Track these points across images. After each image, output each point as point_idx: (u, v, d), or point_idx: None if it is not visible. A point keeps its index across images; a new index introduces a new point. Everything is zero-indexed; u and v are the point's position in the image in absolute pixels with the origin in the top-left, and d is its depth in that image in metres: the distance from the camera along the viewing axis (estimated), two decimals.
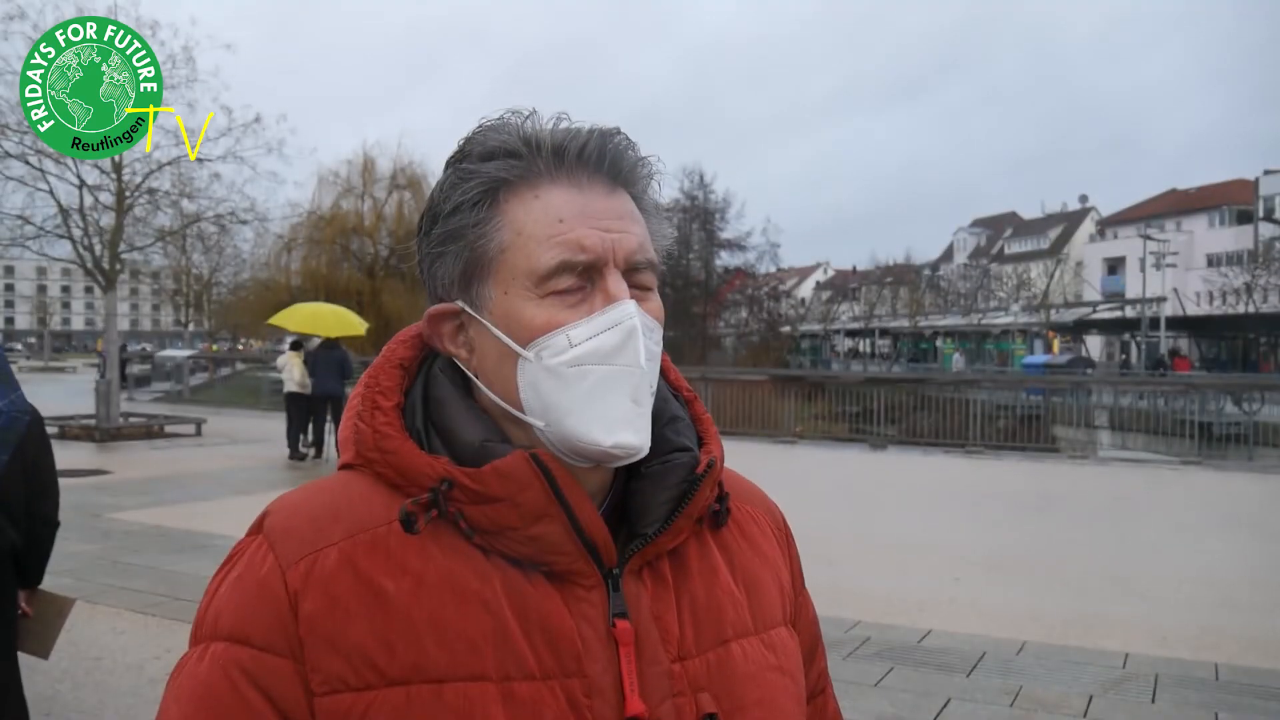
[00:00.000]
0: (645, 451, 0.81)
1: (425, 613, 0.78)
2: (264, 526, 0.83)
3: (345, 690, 0.76)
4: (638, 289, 0.83)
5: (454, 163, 0.85)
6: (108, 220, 16.72)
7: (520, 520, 0.79)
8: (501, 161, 0.82)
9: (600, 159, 0.83)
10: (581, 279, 0.81)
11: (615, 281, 0.81)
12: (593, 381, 0.79)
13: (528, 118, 0.83)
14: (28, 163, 15.37)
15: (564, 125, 0.84)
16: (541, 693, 0.77)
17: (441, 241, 0.84)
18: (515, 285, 0.81)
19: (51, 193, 15.99)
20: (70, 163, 15.42)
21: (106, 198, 16.53)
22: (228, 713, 0.77)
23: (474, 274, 0.83)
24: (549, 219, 0.81)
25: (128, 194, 16.51)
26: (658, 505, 0.85)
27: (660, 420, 0.88)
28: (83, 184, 16.08)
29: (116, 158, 16.01)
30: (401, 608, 0.77)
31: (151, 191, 17.03)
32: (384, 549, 0.79)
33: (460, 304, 0.85)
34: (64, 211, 16.12)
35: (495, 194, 0.82)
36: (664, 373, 0.93)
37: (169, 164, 16.69)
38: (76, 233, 16.31)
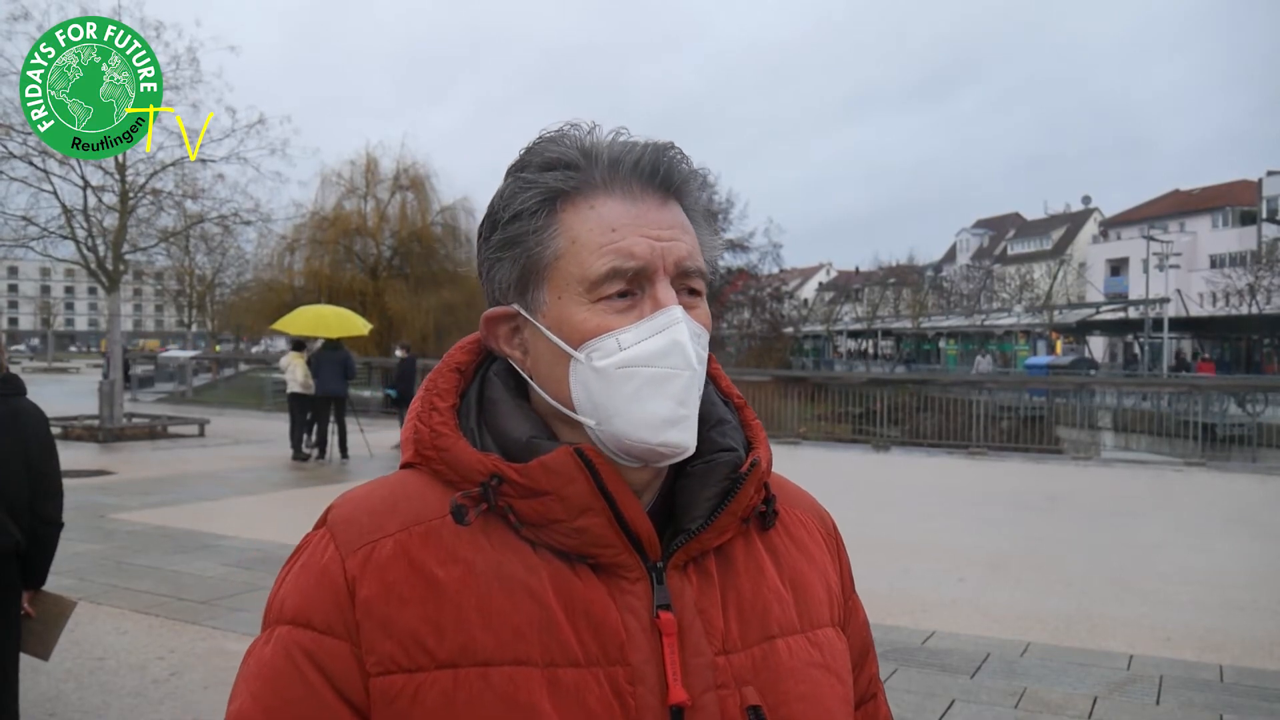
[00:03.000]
0: (691, 450, 0.85)
1: (474, 599, 0.82)
2: (328, 519, 0.89)
3: (397, 671, 0.80)
4: (686, 295, 0.87)
5: (514, 171, 0.89)
6: (111, 221, 16.72)
7: (566, 513, 0.83)
8: (560, 172, 0.86)
9: (654, 172, 0.87)
10: (632, 285, 0.84)
11: (664, 289, 0.84)
12: (640, 383, 0.83)
13: (589, 132, 0.88)
14: (32, 163, 15.38)
15: (622, 139, 0.88)
16: (586, 679, 0.81)
17: (500, 247, 0.88)
18: (569, 291, 0.85)
19: (55, 193, 16.01)
20: (74, 163, 15.43)
21: (110, 198, 16.53)
22: (290, 691, 0.82)
23: (530, 279, 0.87)
24: (602, 228, 0.85)
25: (131, 195, 16.51)
26: (702, 502, 0.88)
27: (708, 423, 0.92)
28: (86, 185, 16.09)
29: (120, 158, 16.03)
30: (452, 594, 0.82)
31: (155, 192, 17.03)
32: (437, 540, 0.84)
33: (516, 307, 0.89)
34: (68, 212, 16.12)
35: (553, 203, 0.86)
36: (715, 379, 0.98)
37: (173, 165, 16.70)
38: (80, 233, 16.32)
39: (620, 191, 0.86)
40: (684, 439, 0.84)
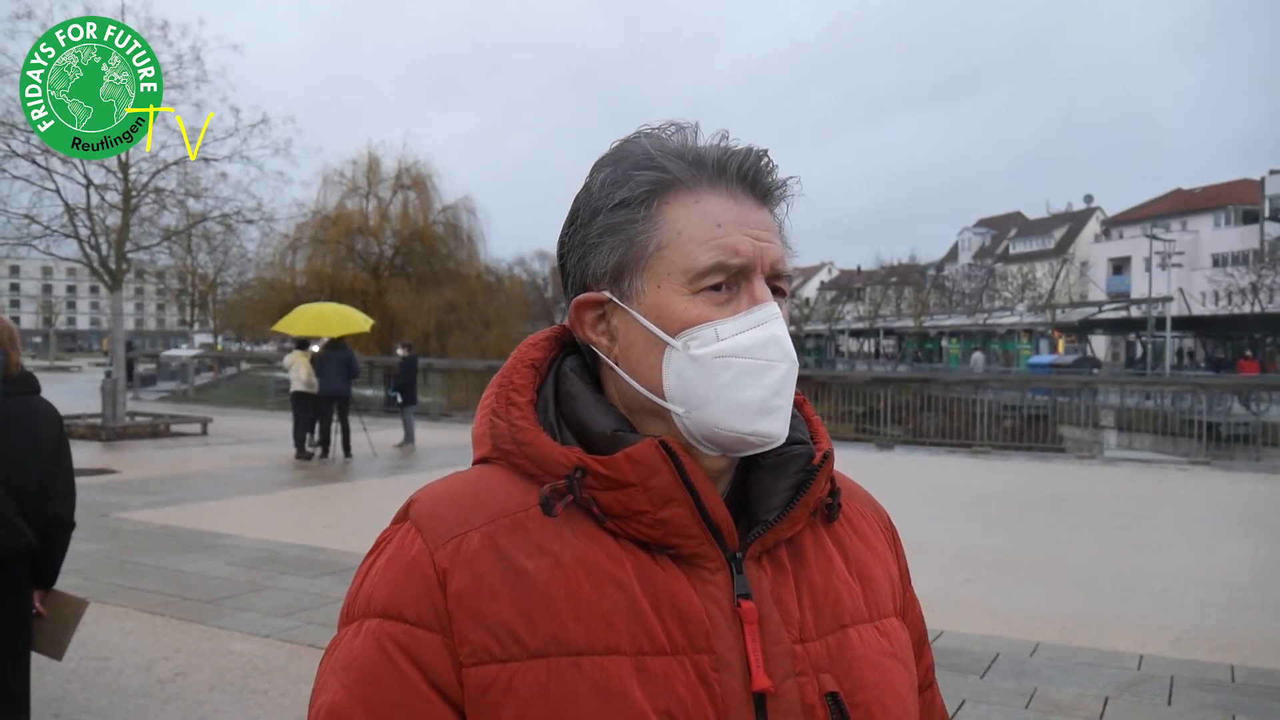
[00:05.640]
0: (782, 439, 0.88)
1: (563, 590, 0.83)
2: (410, 514, 0.89)
3: (491, 662, 0.81)
4: (775, 295, 0.90)
5: (611, 163, 0.91)
6: (114, 219, 16.72)
7: (650, 504, 0.85)
8: (670, 165, 0.88)
9: (756, 177, 0.90)
10: (730, 281, 0.87)
11: (760, 285, 0.88)
12: (736, 373, 0.85)
13: (693, 131, 0.91)
14: (35, 162, 15.38)
15: (725, 143, 0.91)
16: (673, 667, 0.82)
17: (601, 234, 0.90)
18: (670, 280, 0.87)
19: (58, 192, 16.01)
20: (77, 162, 15.41)
21: (113, 197, 16.53)
22: (384, 682, 0.83)
23: (628, 267, 0.89)
24: (708, 223, 0.87)
25: (134, 193, 16.51)
26: (777, 493, 0.90)
27: None
28: (89, 183, 16.10)
29: (123, 157, 16.02)
30: (541, 585, 0.83)
31: (158, 191, 17.04)
32: (523, 532, 0.85)
33: (608, 294, 0.90)
34: (71, 211, 16.12)
35: (660, 195, 0.88)
36: None
37: (175, 164, 16.71)
38: (83, 232, 16.31)
39: (724, 190, 0.89)
40: (776, 428, 0.86)
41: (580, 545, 0.85)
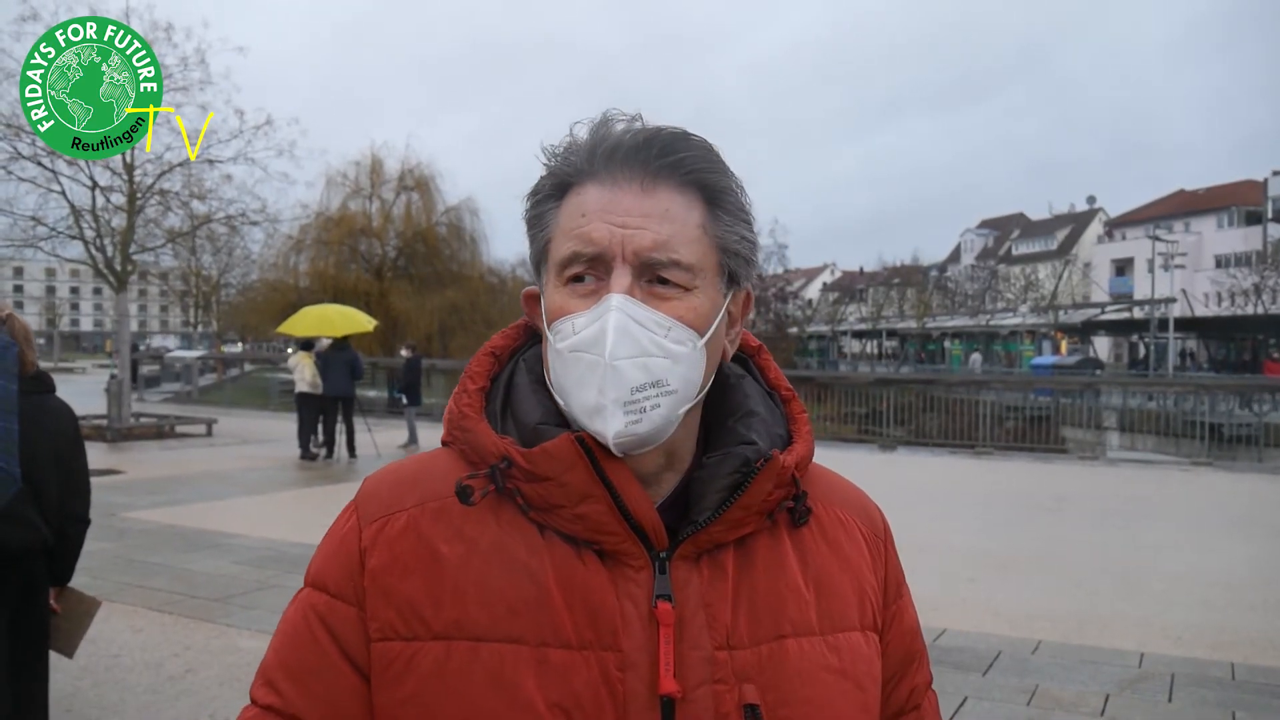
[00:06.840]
0: (610, 441, 0.82)
1: (473, 576, 0.84)
2: (359, 491, 0.94)
3: (395, 639, 0.84)
4: (658, 285, 0.84)
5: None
6: (119, 221, 16.77)
7: (567, 499, 0.84)
8: (563, 160, 0.89)
9: (629, 159, 0.85)
10: (595, 271, 0.84)
11: (618, 277, 0.83)
12: (582, 368, 0.83)
13: (607, 122, 0.88)
14: (41, 164, 15.43)
15: (614, 128, 0.86)
16: (575, 661, 0.82)
17: (527, 228, 0.93)
18: (551, 273, 0.89)
19: (64, 194, 16.05)
20: (83, 164, 15.47)
21: (118, 199, 16.59)
22: (303, 648, 0.88)
23: (539, 260, 0.92)
24: (575, 213, 0.86)
25: (139, 195, 16.56)
26: (711, 494, 0.87)
27: (734, 414, 0.92)
28: (95, 185, 16.14)
29: (128, 159, 16.07)
30: (452, 570, 0.85)
31: (163, 193, 17.10)
32: (447, 517, 0.87)
33: (537, 288, 0.93)
34: (76, 213, 16.17)
35: (560, 190, 0.89)
36: (762, 370, 0.98)
37: (180, 165, 16.76)
38: (89, 234, 16.36)
39: (603, 178, 0.86)
40: (604, 428, 0.81)
41: (499, 534, 0.85)
